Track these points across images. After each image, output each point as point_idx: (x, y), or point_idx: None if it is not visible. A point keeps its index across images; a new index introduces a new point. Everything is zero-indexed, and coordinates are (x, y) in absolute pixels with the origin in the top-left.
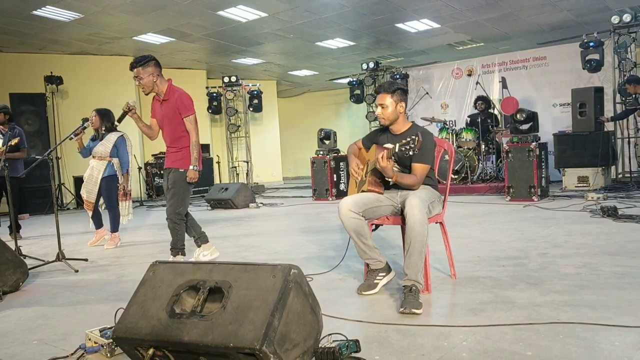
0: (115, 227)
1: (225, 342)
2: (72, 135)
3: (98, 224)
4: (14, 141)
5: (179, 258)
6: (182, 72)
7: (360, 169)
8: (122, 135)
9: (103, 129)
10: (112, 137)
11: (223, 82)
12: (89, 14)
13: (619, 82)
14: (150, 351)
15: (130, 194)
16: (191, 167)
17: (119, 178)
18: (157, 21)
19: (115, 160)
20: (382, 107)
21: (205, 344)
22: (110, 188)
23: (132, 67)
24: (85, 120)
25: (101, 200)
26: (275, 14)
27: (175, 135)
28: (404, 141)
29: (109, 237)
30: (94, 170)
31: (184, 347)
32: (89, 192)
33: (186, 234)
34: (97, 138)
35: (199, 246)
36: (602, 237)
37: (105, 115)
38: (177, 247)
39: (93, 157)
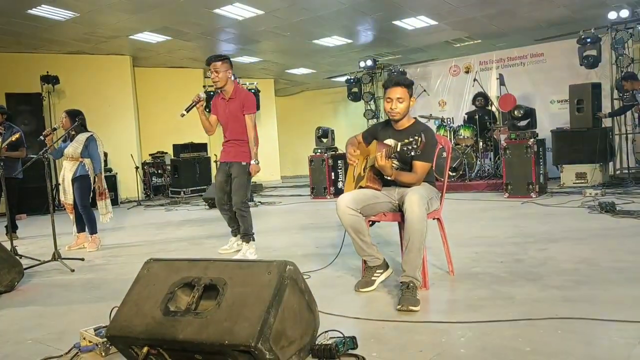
0: (92, 229)
1: (220, 339)
2: (41, 137)
3: (81, 228)
4: (14, 136)
5: (252, 244)
6: (179, 70)
7: (357, 154)
8: (91, 134)
9: (74, 131)
10: (81, 138)
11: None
12: (84, 13)
13: (616, 78)
14: (145, 349)
15: (106, 193)
16: (253, 161)
17: (91, 178)
18: (153, 20)
19: (87, 161)
20: (399, 101)
21: (200, 342)
22: (82, 188)
23: (209, 62)
24: (80, 119)
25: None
26: (272, 11)
27: (239, 131)
28: (406, 141)
29: (90, 240)
30: (66, 171)
31: (179, 345)
32: (65, 193)
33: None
34: (67, 139)
35: (235, 235)
36: (600, 232)
37: (75, 116)
38: (249, 234)
39: (65, 158)
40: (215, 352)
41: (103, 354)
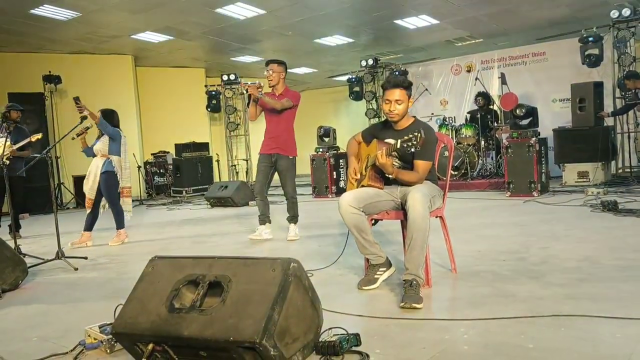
0: (120, 224)
1: (225, 336)
2: (74, 135)
3: (89, 226)
4: (35, 137)
5: (297, 224)
6: (181, 70)
7: (356, 177)
8: (119, 131)
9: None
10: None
11: (222, 80)
12: (86, 13)
13: (618, 77)
14: (150, 346)
15: (128, 191)
16: (260, 94)
17: (118, 175)
18: (155, 19)
19: (114, 158)
20: (398, 103)
21: (204, 339)
22: (108, 184)
23: (267, 63)
24: (83, 118)
25: (103, 201)
26: (274, 11)
27: (282, 126)
28: (405, 137)
29: (116, 235)
30: (93, 167)
31: (184, 341)
32: (89, 188)
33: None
34: (100, 137)
35: (262, 224)
36: (602, 231)
37: (107, 115)
38: (297, 217)
39: (95, 154)
40: (220, 349)
41: (108, 351)
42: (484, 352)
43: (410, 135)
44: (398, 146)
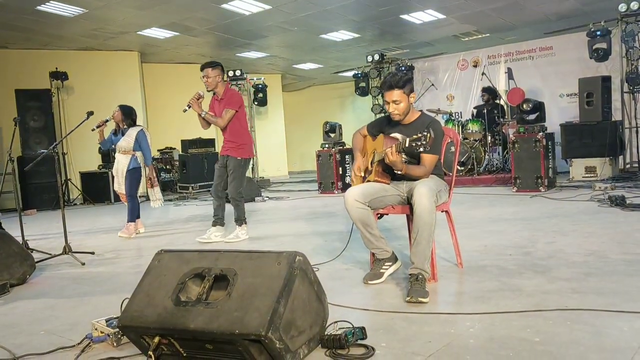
0: (132, 217)
1: (230, 328)
2: (94, 127)
3: (137, 216)
4: None
5: (244, 227)
6: (187, 66)
7: (361, 172)
8: (141, 129)
9: (124, 124)
10: (132, 132)
11: (227, 76)
12: (92, 9)
13: (626, 71)
14: (156, 339)
15: (155, 182)
16: (203, 113)
17: (142, 170)
18: (161, 15)
19: (138, 154)
20: (396, 103)
21: (210, 331)
22: (132, 179)
23: (202, 68)
24: (90, 113)
25: (139, 192)
26: (279, 6)
27: (229, 130)
28: (414, 137)
29: (126, 226)
30: (119, 164)
31: (190, 334)
32: (119, 184)
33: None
34: (118, 132)
35: (213, 225)
36: (610, 225)
37: (127, 111)
38: (242, 219)
39: (118, 151)
40: (225, 342)
41: (115, 344)
42: (489, 346)
43: (420, 135)
44: (407, 145)
